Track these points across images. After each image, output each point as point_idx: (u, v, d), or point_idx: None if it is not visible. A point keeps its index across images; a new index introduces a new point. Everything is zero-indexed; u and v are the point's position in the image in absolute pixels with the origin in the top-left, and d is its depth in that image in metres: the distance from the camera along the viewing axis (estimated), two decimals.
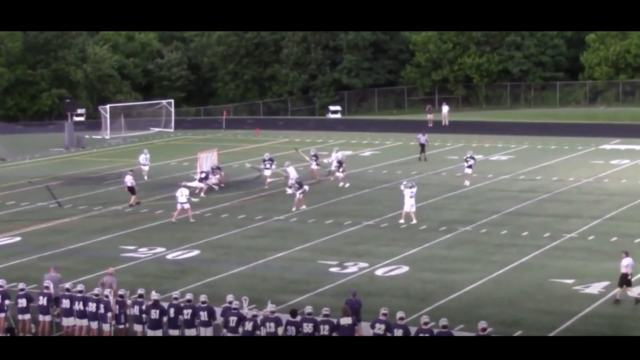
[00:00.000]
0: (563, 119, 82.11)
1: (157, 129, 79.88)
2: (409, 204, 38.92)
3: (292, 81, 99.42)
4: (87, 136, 73.86)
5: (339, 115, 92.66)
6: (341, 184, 48.42)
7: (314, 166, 51.01)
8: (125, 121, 76.96)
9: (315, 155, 51.44)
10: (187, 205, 39.88)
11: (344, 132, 76.02)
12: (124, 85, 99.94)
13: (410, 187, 39.22)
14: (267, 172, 48.63)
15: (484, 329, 21.46)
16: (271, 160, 49.18)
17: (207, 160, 50.67)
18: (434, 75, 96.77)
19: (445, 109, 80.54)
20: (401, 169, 54.24)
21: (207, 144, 66.62)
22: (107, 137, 74.76)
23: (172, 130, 79.73)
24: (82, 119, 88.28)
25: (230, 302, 23.70)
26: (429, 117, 79.42)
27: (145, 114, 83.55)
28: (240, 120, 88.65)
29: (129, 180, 44.62)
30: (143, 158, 52.79)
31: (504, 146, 64.02)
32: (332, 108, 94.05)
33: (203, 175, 47.57)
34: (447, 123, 78.38)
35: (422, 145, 57.67)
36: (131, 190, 44.43)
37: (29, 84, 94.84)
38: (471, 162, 48.73)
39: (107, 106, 78.38)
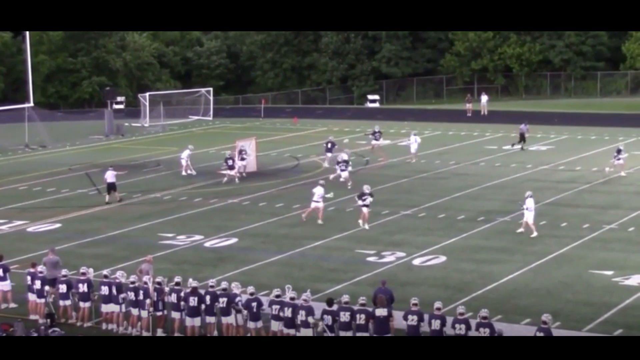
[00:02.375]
0: (604, 109, 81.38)
1: (196, 117, 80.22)
2: (530, 215, 35.09)
3: (330, 70, 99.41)
4: (126, 124, 74.31)
5: (377, 105, 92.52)
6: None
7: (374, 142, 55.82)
8: (165, 109, 77.38)
9: (380, 132, 56.49)
10: (320, 205, 37.40)
11: (383, 121, 75.82)
12: (163, 74, 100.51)
13: (527, 198, 35.47)
14: (345, 174, 44.90)
15: (545, 322, 21.13)
16: (346, 162, 45.48)
17: (246, 148, 50.78)
18: (474, 65, 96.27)
19: (484, 98, 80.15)
20: (439, 158, 54.06)
21: (245, 132, 66.84)
22: (147, 124, 75.18)
23: (210, 118, 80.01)
24: (121, 106, 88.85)
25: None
26: (468, 106, 79.11)
27: (184, 102, 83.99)
28: (278, 109, 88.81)
29: (109, 176, 42.41)
30: (187, 154, 49.85)
31: (544, 136, 63.59)
32: (370, 97, 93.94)
33: (230, 162, 47.04)
34: (486, 113, 77.99)
35: (522, 135, 57.41)
36: (111, 186, 42.31)
37: (69, 71, 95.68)
38: (618, 153, 47.24)
39: (147, 94, 78.84)
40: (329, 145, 51.77)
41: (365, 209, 36.43)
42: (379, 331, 22.43)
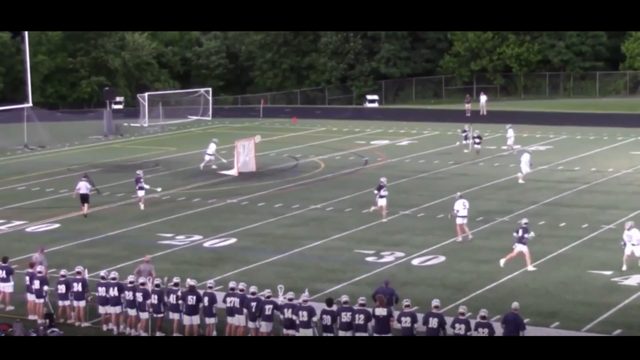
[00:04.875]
0: (602, 109, 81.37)
1: (195, 117, 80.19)
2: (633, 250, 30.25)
3: (330, 70, 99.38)
4: (125, 124, 74.28)
5: (376, 105, 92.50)
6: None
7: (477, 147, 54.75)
8: (164, 109, 77.40)
9: (479, 137, 55.35)
10: (464, 221, 34.18)
11: (381, 121, 75.88)
12: (162, 74, 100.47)
13: (630, 229, 30.31)
14: (382, 202, 37.40)
15: None
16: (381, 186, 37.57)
17: (245, 148, 50.82)
18: (473, 65, 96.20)
19: (483, 98, 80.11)
20: (438, 158, 54.05)
21: (244, 132, 66.79)
22: (146, 125, 75.14)
23: (209, 118, 79.99)
24: (120, 106, 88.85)
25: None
26: (467, 106, 79.09)
27: (183, 102, 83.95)
28: (277, 109, 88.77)
29: (83, 186, 39.99)
30: (214, 148, 50.99)
31: (543, 136, 63.57)
32: (369, 97, 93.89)
33: (140, 185, 41.04)
34: (485, 113, 77.98)
35: None
36: (84, 198, 39.86)
37: (68, 71, 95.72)
38: None
39: (146, 94, 78.81)
40: (465, 132, 56.62)
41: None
42: (380, 330, 22.46)
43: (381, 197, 37.08)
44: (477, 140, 55.06)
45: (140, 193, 40.88)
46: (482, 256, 32.05)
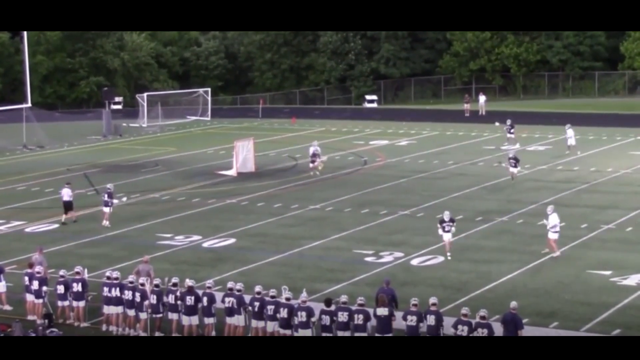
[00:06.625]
0: (601, 109, 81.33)
1: (193, 118, 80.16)
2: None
3: (329, 70, 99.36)
4: (124, 124, 74.24)
5: (375, 105, 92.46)
6: None
7: (512, 169, 46.04)
8: (162, 109, 77.36)
9: (515, 158, 46.02)
10: (555, 236, 31.99)
11: (380, 121, 75.87)
12: (161, 74, 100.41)
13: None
14: (447, 237, 32.46)
15: None
16: (451, 220, 32.55)
17: (243, 148, 50.79)
18: (472, 65, 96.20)
19: (482, 98, 80.00)
20: (438, 158, 54.05)
21: (243, 132, 66.79)
22: (144, 125, 75.11)
23: (208, 118, 79.94)
24: (119, 107, 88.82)
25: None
26: (466, 106, 79.03)
27: (182, 103, 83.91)
28: (276, 109, 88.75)
29: (65, 193, 38.73)
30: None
31: (542, 136, 63.56)
32: (368, 97, 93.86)
33: (106, 197, 38.21)
34: (484, 113, 77.89)
35: None
36: (67, 205, 38.66)
37: (67, 71, 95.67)
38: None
39: (145, 94, 78.79)
40: (510, 127, 57.77)
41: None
42: (381, 330, 22.50)
43: (446, 231, 32.47)
44: (514, 162, 45.88)
45: (106, 209, 37.95)
46: (481, 256, 32.07)
